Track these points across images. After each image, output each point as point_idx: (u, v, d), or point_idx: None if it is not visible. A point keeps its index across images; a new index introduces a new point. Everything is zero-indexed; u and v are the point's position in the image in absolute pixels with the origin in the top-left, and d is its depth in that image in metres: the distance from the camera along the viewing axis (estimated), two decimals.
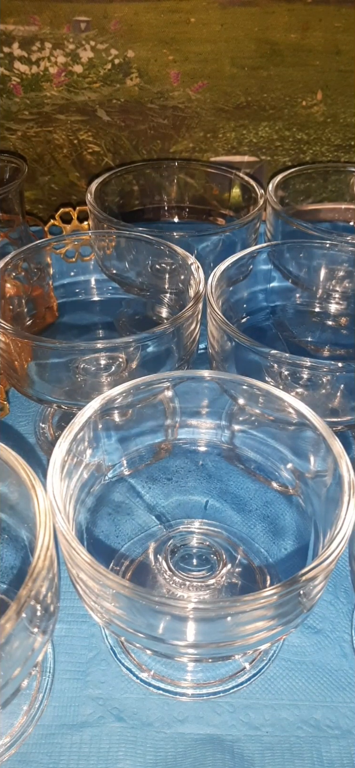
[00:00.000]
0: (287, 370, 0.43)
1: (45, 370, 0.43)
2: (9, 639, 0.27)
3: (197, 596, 0.38)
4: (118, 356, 0.45)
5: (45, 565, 0.28)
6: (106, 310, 0.57)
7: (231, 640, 0.30)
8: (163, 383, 0.40)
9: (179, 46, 0.66)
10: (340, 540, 0.30)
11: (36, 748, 0.33)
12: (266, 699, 0.35)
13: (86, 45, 0.66)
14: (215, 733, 0.34)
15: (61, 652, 0.37)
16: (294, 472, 0.40)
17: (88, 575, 0.29)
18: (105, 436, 0.39)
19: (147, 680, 0.36)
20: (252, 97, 0.69)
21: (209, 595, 0.38)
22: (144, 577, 0.39)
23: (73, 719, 0.34)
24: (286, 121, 0.70)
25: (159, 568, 0.39)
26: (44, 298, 0.54)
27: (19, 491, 0.32)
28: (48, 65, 0.67)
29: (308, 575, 0.29)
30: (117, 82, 0.68)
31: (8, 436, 0.50)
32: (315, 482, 0.37)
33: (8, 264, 0.48)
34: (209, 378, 0.41)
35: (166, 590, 0.38)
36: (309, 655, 0.37)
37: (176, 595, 0.38)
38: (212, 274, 0.47)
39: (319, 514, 0.36)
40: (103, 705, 0.35)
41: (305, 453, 0.38)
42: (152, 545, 0.41)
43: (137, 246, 0.53)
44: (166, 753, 0.33)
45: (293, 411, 0.37)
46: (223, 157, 0.72)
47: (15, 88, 0.68)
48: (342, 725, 0.34)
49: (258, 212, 0.57)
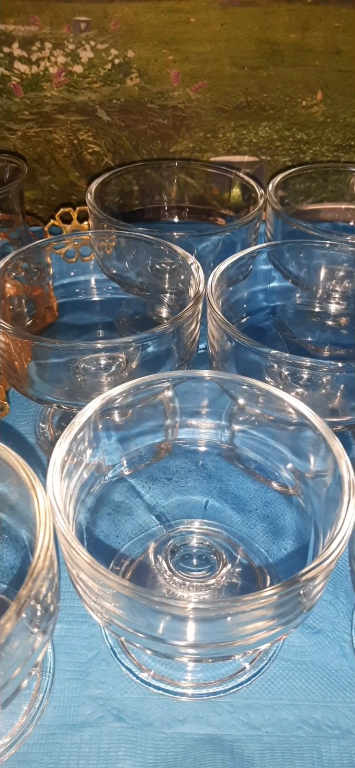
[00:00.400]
0: (287, 370, 0.43)
1: (45, 370, 0.43)
2: (9, 639, 0.27)
3: (196, 596, 0.38)
4: (118, 356, 0.45)
5: (45, 565, 0.28)
6: (106, 310, 0.57)
7: (231, 640, 0.30)
8: (163, 383, 0.40)
9: (179, 46, 0.66)
10: (340, 540, 0.30)
11: (36, 748, 0.33)
12: (266, 699, 0.35)
13: (86, 45, 0.66)
14: (215, 733, 0.34)
15: (61, 652, 0.37)
16: (294, 472, 0.40)
17: (88, 575, 0.29)
18: (105, 436, 0.39)
19: (147, 680, 0.36)
20: (252, 97, 0.69)
21: (209, 595, 0.38)
22: (144, 577, 0.39)
23: (73, 719, 0.34)
24: (286, 121, 0.70)
25: (159, 568, 0.39)
26: (44, 298, 0.54)
27: (19, 491, 0.32)
28: (48, 65, 0.67)
29: (308, 575, 0.29)
30: (117, 82, 0.68)
31: (8, 436, 0.50)
32: (315, 482, 0.37)
33: (8, 264, 0.48)
34: (209, 378, 0.41)
35: (167, 590, 0.38)
36: (309, 655, 0.37)
37: (176, 595, 0.38)
38: (212, 274, 0.47)
39: (319, 514, 0.36)
40: (103, 705, 0.35)
41: (305, 453, 0.38)
42: (152, 545, 0.41)
43: (137, 246, 0.53)
44: (166, 753, 0.33)
45: (293, 411, 0.37)
46: (223, 157, 0.72)
47: (15, 88, 0.68)
48: (342, 725, 0.34)
49: (258, 212, 0.57)
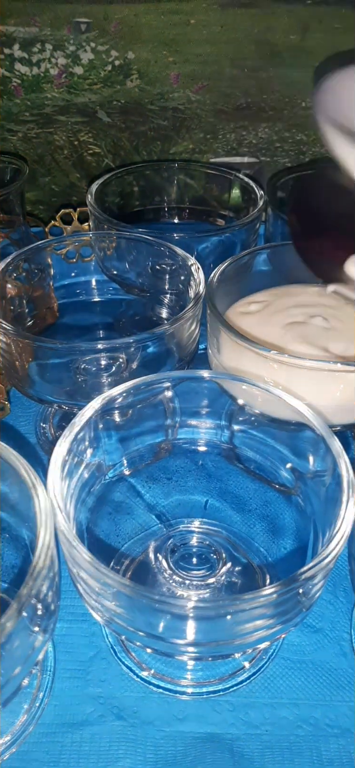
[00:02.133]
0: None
1: (46, 370, 0.43)
2: (10, 638, 0.27)
3: (196, 595, 0.38)
4: (119, 357, 0.45)
5: (46, 564, 0.28)
6: (106, 311, 0.57)
7: (231, 638, 0.30)
8: (163, 383, 0.40)
9: (179, 48, 0.66)
10: (339, 539, 0.30)
11: (36, 746, 0.33)
12: (266, 698, 0.36)
13: (87, 46, 0.66)
14: (215, 731, 0.34)
15: (62, 651, 0.37)
16: (294, 472, 0.40)
17: (89, 574, 0.29)
18: (105, 435, 0.40)
19: (147, 679, 0.36)
20: (252, 99, 0.69)
21: (209, 593, 0.38)
22: (144, 576, 0.39)
23: (74, 718, 0.34)
24: (286, 123, 0.70)
25: (159, 567, 0.40)
26: (45, 298, 0.54)
27: (20, 491, 0.32)
28: (48, 66, 0.67)
29: (307, 574, 0.29)
30: (117, 84, 0.68)
31: (9, 435, 0.50)
32: (314, 482, 0.37)
33: (9, 265, 0.49)
34: (209, 378, 0.41)
35: (167, 589, 0.38)
36: (308, 654, 0.37)
37: (176, 593, 0.38)
38: (212, 274, 0.47)
39: (318, 513, 0.36)
40: (103, 703, 0.35)
41: (304, 453, 0.38)
42: (152, 544, 0.41)
43: (137, 247, 0.53)
44: (166, 751, 0.33)
45: (292, 411, 0.37)
46: (223, 158, 0.72)
47: (16, 90, 0.68)
48: (342, 724, 0.34)
49: (258, 213, 0.57)
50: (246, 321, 0.48)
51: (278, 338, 0.46)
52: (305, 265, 0.47)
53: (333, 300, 0.50)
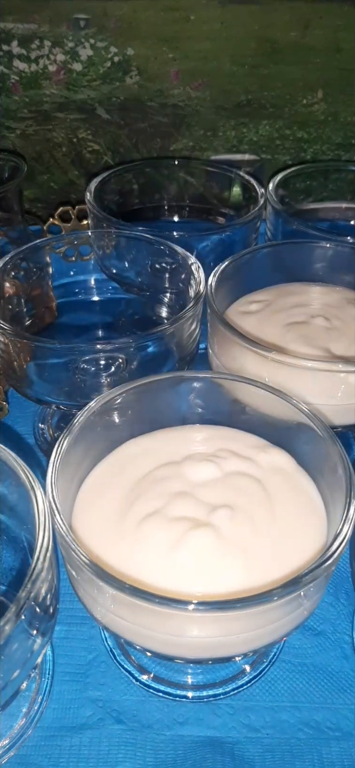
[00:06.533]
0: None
1: (44, 370, 0.43)
2: (8, 641, 0.27)
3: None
4: (118, 357, 0.44)
5: (44, 566, 0.28)
6: (105, 310, 0.57)
7: (231, 641, 0.30)
8: (163, 383, 0.40)
9: (178, 44, 0.66)
10: (340, 541, 0.30)
11: (35, 750, 0.33)
12: (267, 701, 0.35)
13: (86, 43, 0.66)
14: (215, 735, 0.34)
15: (61, 654, 0.37)
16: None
17: (88, 577, 0.29)
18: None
19: (147, 682, 0.36)
20: (252, 96, 0.69)
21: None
22: None
23: (73, 721, 0.34)
24: (286, 120, 0.70)
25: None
26: (43, 297, 0.53)
27: (19, 492, 0.32)
28: (47, 63, 0.67)
29: (308, 576, 0.28)
30: (116, 80, 0.68)
31: (7, 437, 0.50)
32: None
33: (7, 263, 0.48)
34: (209, 378, 0.40)
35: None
36: (310, 657, 0.37)
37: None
38: (213, 273, 0.47)
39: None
40: (102, 707, 0.35)
41: (305, 453, 0.38)
42: None
43: (137, 245, 0.52)
44: (166, 755, 0.33)
45: (293, 411, 0.37)
46: (223, 156, 0.72)
47: (14, 86, 0.67)
48: (343, 727, 0.34)
49: (258, 211, 0.56)
50: (247, 320, 0.48)
51: (278, 338, 0.45)
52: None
53: (334, 299, 0.50)
